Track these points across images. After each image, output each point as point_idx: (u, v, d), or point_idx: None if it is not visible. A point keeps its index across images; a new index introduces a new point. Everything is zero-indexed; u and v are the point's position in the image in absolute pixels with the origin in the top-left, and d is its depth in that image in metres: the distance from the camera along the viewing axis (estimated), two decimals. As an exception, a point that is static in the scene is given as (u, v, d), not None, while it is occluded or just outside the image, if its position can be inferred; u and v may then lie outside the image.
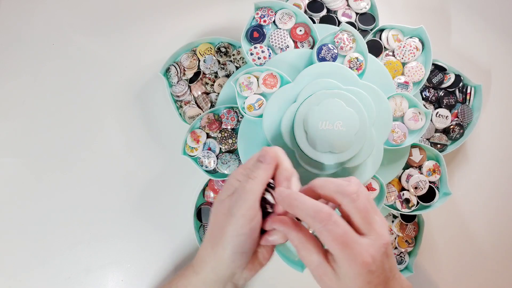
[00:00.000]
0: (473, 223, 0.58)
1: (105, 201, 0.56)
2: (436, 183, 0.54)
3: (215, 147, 0.52)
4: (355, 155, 0.45)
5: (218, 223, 0.38)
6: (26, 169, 0.56)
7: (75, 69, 0.59)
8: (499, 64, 0.61)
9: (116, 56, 0.59)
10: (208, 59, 0.55)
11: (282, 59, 0.50)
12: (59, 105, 0.58)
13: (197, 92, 0.55)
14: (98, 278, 0.55)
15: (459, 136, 0.55)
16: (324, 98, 0.45)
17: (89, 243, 0.55)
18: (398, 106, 0.50)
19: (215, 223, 0.39)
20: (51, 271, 0.55)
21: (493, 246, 0.58)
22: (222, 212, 0.38)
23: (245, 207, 0.36)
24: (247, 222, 0.36)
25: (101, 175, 0.57)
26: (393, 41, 0.53)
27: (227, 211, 0.37)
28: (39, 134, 0.57)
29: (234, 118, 0.52)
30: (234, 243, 0.37)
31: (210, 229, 0.40)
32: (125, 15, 0.60)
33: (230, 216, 0.37)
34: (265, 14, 0.52)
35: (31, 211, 0.56)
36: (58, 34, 0.59)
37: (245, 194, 0.37)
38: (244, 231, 0.37)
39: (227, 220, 0.37)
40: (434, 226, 0.58)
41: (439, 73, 0.55)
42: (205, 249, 0.40)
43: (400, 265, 0.54)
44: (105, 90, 0.58)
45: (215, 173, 0.53)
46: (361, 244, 0.33)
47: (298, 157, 0.46)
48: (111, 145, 0.57)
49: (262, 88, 0.48)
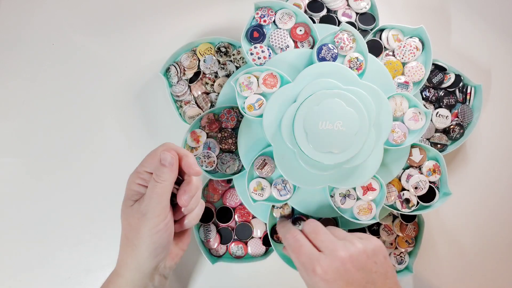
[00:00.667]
0: (473, 223, 0.58)
1: (105, 201, 0.56)
2: (436, 183, 0.54)
3: (215, 147, 0.52)
4: (355, 155, 0.45)
5: (133, 226, 0.41)
6: (26, 169, 0.56)
7: (75, 69, 0.59)
8: (499, 64, 0.61)
9: (116, 56, 0.59)
10: (208, 59, 0.55)
11: (282, 59, 0.50)
12: (59, 105, 0.58)
13: (197, 92, 0.55)
14: (98, 278, 0.55)
15: (459, 136, 0.55)
16: (324, 98, 0.45)
17: (89, 243, 0.55)
18: (398, 106, 0.50)
19: (129, 226, 0.42)
20: (51, 271, 0.55)
21: (493, 246, 0.58)
22: (135, 217, 0.41)
23: (159, 209, 0.40)
24: (161, 220, 0.41)
25: (101, 175, 0.57)
26: (393, 41, 0.53)
27: (140, 215, 0.41)
28: (39, 134, 0.57)
29: (234, 118, 0.52)
30: (152, 241, 0.41)
31: (125, 233, 0.43)
32: (125, 15, 0.60)
33: (144, 219, 0.40)
34: (265, 14, 0.52)
35: (31, 211, 0.56)
36: (58, 34, 0.59)
37: (157, 197, 0.40)
38: (159, 228, 0.40)
39: (141, 223, 0.40)
40: (434, 226, 0.58)
41: (439, 73, 0.55)
42: (125, 252, 0.43)
43: (400, 265, 0.54)
44: (105, 90, 0.58)
45: (215, 173, 0.53)
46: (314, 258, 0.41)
47: (298, 157, 0.46)
48: (111, 145, 0.57)
49: (262, 88, 0.48)
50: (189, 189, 0.42)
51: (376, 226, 0.55)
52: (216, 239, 0.54)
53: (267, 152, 0.50)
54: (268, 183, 0.50)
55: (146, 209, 0.40)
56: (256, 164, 0.49)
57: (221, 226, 0.55)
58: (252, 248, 0.54)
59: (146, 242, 0.41)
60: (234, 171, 0.52)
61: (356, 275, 0.40)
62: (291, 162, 0.47)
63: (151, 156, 0.42)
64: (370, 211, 0.50)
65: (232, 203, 0.54)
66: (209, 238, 0.54)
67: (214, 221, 0.54)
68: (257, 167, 0.49)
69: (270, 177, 0.50)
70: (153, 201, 0.40)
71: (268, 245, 0.54)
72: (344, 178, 0.48)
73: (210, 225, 0.54)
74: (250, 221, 0.55)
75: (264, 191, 0.49)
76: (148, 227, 0.40)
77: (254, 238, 0.55)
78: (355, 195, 0.50)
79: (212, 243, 0.54)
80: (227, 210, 0.54)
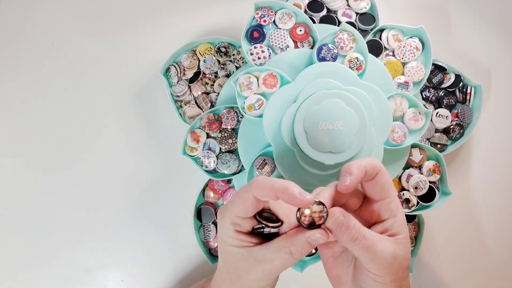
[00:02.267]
0: (473, 223, 0.58)
1: (105, 201, 0.56)
2: (436, 183, 0.54)
3: (215, 147, 0.52)
4: (355, 155, 0.45)
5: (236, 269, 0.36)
6: (26, 169, 0.56)
7: (75, 69, 0.59)
8: (499, 64, 0.61)
9: (116, 56, 0.59)
10: (208, 59, 0.55)
11: (282, 59, 0.50)
12: (59, 105, 0.58)
13: (197, 92, 0.55)
14: (98, 278, 0.55)
15: (459, 136, 0.55)
16: (324, 98, 0.45)
17: (89, 243, 0.55)
18: (398, 106, 0.50)
19: (230, 264, 0.37)
20: (51, 271, 0.55)
21: (493, 246, 0.58)
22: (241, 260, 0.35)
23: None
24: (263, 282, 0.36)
25: (101, 175, 0.57)
26: (393, 41, 0.53)
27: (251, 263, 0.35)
28: (39, 134, 0.57)
29: (234, 118, 0.52)
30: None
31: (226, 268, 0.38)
32: (125, 15, 0.60)
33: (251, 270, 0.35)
34: (265, 14, 0.52)
35: (31, 211, 0.56)
36: (58, 34, 0.59)
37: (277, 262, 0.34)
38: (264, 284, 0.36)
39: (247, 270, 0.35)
40: (434, 226, 0.58)
41: (439, 73, 0.55)
42: (223, 282, 0.39)
43: (400, 265, 0.54)
44: (105, 90, 0.58)
45: (215, 173, 0.53)
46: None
47: (298, 157, 0.46)
48: (111, 145, 0.57)
49: (262, 88, 0.48)
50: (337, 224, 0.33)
51: (376, 226, 0.55)
52: (216, 239, 0.54)
53: (267, 152, 0.50)
54: (268, 183, 0.50)
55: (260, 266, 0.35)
56: (256, 164, 0.49)
57: (221, 226, 0.55)
58: (252, 248, 0.54)
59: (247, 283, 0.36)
60: (234, 171, 0.52)
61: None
62: (291, 162, 0.47)
63: (243, 201, 0.34)
64: (370, 211, 0.50)
65: (232, 203, 0.54)
66: (209, 238, 0.54)
67: (214, 221, 0.54)
68: (257, 167, 0.49)
69: (270, 177, 0.50)
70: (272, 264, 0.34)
71: (268, 245, 0.54)
72: (344, 178, 0.48)
73: (210, 225, 0.54)
74: (250, 221, 0.55)
75: (264, 191, 0.49)
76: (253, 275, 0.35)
77: (254, 238, 0.55)
78: (355, 195, 0.50)
79: (212, 243, 0.54)
80: (227, 210, 0.54)
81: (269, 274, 0.35)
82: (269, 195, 0.32)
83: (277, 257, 0.34)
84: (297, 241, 0.33)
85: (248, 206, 0.34)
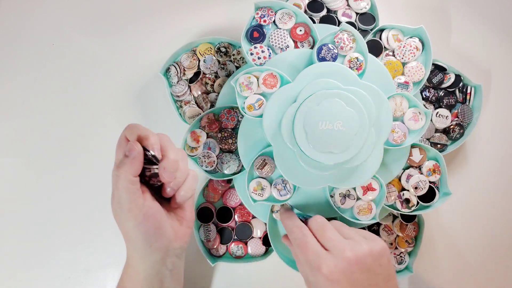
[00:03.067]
0: (473, 223, 0.58)
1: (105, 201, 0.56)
2: (436, 183, 0.54)
3: (215, 147, 0.52)
4: (355, 155, 0.45)
5: (119, 222, 0.41)
6: (26, 169, 0.56)
7: (75, 69, 0.59)
8: (499, 64, 0.61)
9: (116, 56, 0.59)
10: (208, 59, 0.55)
11: (282, 59, 0.50)
12: (59, 105, 0.58)
13: (197, 92, 0.55)
14: (98, 278, 0.55)
15: (459, 136, 0.55)
16: (324, 98, 0.45)
17: (89, 243, 0.56)
18: (398, 106, 0.50)
19: (118, 224, 0.42)
20: (51, 271, 0.55)
21: (493, 246, 0.58)
22: (115, 215, 0.41)
23: (126, 204, 0.39)
24: (137, 212, 0.40)
25: (101, 175, 0.56)
26: (393, 41, 0.53)
27: (117, 213, 0.41)
28: (39, 134, 0.57)
29: (234, 118, 0.52)
30: (139, 233, 0.40)
31: (121, 231, 0.42)
32: (125, 15, 0.60)
33: (120, 216, 0.40)
34: (265, 14, 0.52)
35: (31, 211, 0.56)
36: (58, 34, 0.59)
37: (119, 193, 0.40)
38: (138, 221, 0.40)
39: (122, 219, 0.41)
40: (434, 226, 0.58)
41: (439, 73, 0.55)
42: (128, 249, 0.43)
43: (400, 265, 0.54)
44: (105, 90, 0.58)
45: (215, 173, 0.53)
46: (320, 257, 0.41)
47: (298, 157, 0.46)
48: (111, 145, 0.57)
49: (262, 88, 0.48)
50: (167, 166, 0.41)
51: (376, 226, 0.55)
52: (216, 239, 0.54)
53: (267, 152, 0.50)
54: (268, 183, 0.50)
55: (119, 207, 0.40)
56: (256, 164, 0.49)
57: (221, 226, 0.55)
58: (252, 248, 0.54)
59: (134, 234, 0.40)
60: (234, 171, 0.52)
61: (360, 277, 0.40)
62: (291, 162, 0.47)
63: (119, 143, 0.42)
64: (370, 211, 0.50)
65: (232, 203, 0.54)
66: (209, 238, 0.54)
67: (214, 221, 0.54)
68: (257, 167, 0.49)
69: (270, 177, 0.50)
70: (119, 198, 0.40)
71: (268, 245, 0.54)
72: (344, 178, 0.48)
73: (210, 225, 0.54)
74: (250, 221, 0.55)
75: (264, 191, 0.49)
76: (128, 223, 0.40)
77: (254, 238, 0.55)
78: (355, 195, 0.50)
79: (212, 243, 0.54)
80: (227, 210, 0.54)
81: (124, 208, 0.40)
82: (133, 138, 0.41)
83: (113, 185, 0.41)
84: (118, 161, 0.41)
85: (124, 146, 0.41)
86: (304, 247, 0.42)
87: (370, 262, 0.40)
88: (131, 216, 0.40)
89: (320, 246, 0.42)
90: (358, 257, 0.40)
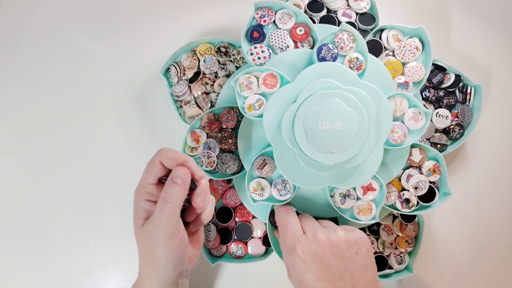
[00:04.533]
0: (473, 223, 0.58)
1: (105, 201, 0.56)
2: (436, 183, 0.54)
3: (215, 147, 0.52)
4: (355, 155, 0.45)
5: (148, 247, 0.41)
6: (26, 169, 0.57)
7: (75, 69, 0.59)
8: (499, 64, 0.61)
9: (116, 56, 0.59)
10: (208, 59, 0.55)
11: (282, 59, 0.50)
12: (59, 105, 0.58)
13: (197, 92, 0.55)
14: (98, 278, 0.55)
15: (459, 136, 0.55)
16: (324, 98, 0.45)
17: (89, 243, 0.56)
18: (398, 106, 0.50)
19: (144, 247, 0.41)
20: (51, 271, 0.55)
21: (493, 246, 0.58)
22: (148, 238, 0.40)
23: (170, 229, 0.39)
24: (175, 239, 0.40)
25: (101, 175, 0.57)
26: (393, 41, 0.53)
27: (152, 236, 0.40)
28: (39, 134, 0.57)
29: (234, 118, 0.52)
30: (169, 259, 0.40)
31: (142, 252, 0.42)
32: (125, 15, 0.60)
33: (156, 240, 0.39)
34: (265, 14, 0.52)
35: (31, 211, 0.56)
36: (58, 34, 0.59)
37: (167, 218, 0.39)
38: (174, 246, 0.40)
39: (155, 244, 0.40)
40: (434, 226, 0.58)
41: (439, 73, 0.55)
42: (144, 268, 0.42)
43: (400, 265, 0.54)
44: (105, 90, 0.58)
45: (215, 173, 0.53)
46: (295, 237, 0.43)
47: (298, 157, 0.46)
48: (111, 145, 0.57)
49: (262, 88, 0.48)
50: (201, 191, 0.42)
51: (376, 226, 0.55)
52: (216, 239, 0.54)
53: (267, 152, 0.50)
54: (268, 183, 0.50)
55: (157, 232, 0.39)
56: (256, 164, 0.49)
57: (221, 226, 0.55)
58: (252, 248, 0.54)
59: (164, 260, 0.40)
60: (234, 171, 0.52)
61: (333, 260, 0.41)
62: (291, 162, 0.47)
63: (151, 166, 0.41)
64: (370, 211, 0.50)
65: (232, 203, 0.55)
66: (209, 238, 0.54)
67: (214, 221, 0.54)
68: (257, 167, 0.49)
69: (270, 177, 0.50)
70: (163, 222, 0.39)
71: (268, 245, 0.54)
72: (344, 178, 0.48)
73: (210, 225, 0.54)
74: (250, 221, 0.55)
75: (264, 191, 0.49)
76: (163, 248, 0.39)
77: (254, 238, 0.55)
78: (355, 195, 0.50)
79: (212, 243, 0.54)
80: (227, 210, 0.54)
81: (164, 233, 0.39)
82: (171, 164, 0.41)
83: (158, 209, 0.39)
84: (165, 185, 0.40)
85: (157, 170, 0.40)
86: (286, 227, 0.44)
87: (344, 248, 0.42)
88: (169, 242, 0.39)
89: (300, 228, 0.44)
90: (331, 240, 0.42)
